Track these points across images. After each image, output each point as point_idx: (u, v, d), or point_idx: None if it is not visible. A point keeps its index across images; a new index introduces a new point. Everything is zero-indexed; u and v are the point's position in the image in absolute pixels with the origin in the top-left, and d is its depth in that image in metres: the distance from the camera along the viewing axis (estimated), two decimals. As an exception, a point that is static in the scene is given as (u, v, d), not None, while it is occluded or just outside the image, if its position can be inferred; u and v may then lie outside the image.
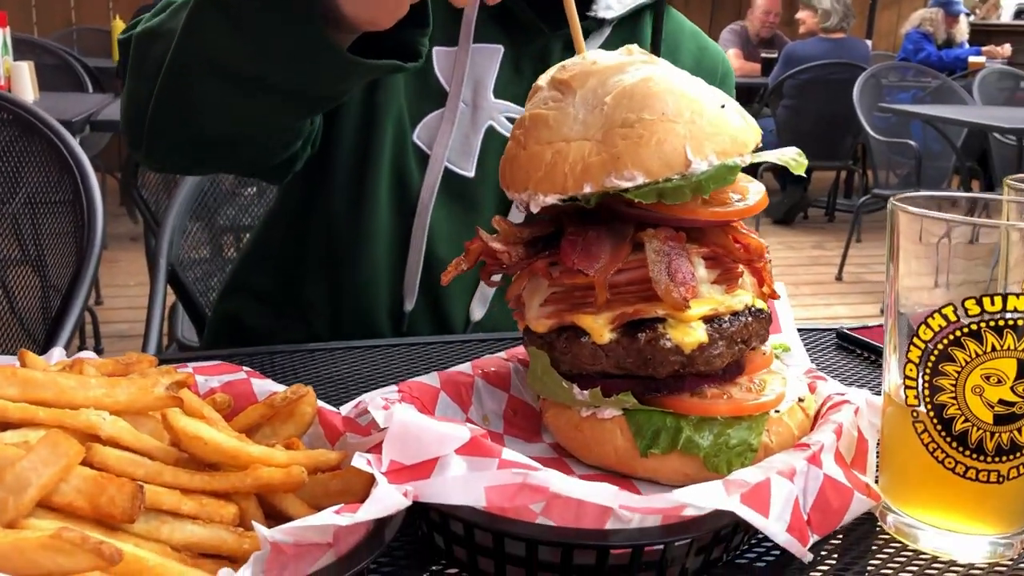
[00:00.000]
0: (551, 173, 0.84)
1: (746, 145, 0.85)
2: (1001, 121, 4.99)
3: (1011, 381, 0.74)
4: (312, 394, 0.81)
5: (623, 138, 0.82)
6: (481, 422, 0.93)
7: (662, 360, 0.83)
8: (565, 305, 0.88)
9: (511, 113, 1.46)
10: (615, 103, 0.84)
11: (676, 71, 0.88)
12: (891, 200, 0.80)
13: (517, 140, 0.89)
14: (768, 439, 0.86)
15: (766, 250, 0.89)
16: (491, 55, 1.44)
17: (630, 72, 0.86)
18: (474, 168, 1.44)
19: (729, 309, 0.86)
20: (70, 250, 2.26)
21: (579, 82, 0.87)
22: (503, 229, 0.90)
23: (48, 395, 0.71)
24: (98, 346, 4.51)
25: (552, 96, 0.89)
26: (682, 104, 0.83)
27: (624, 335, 0.84)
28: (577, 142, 0.84)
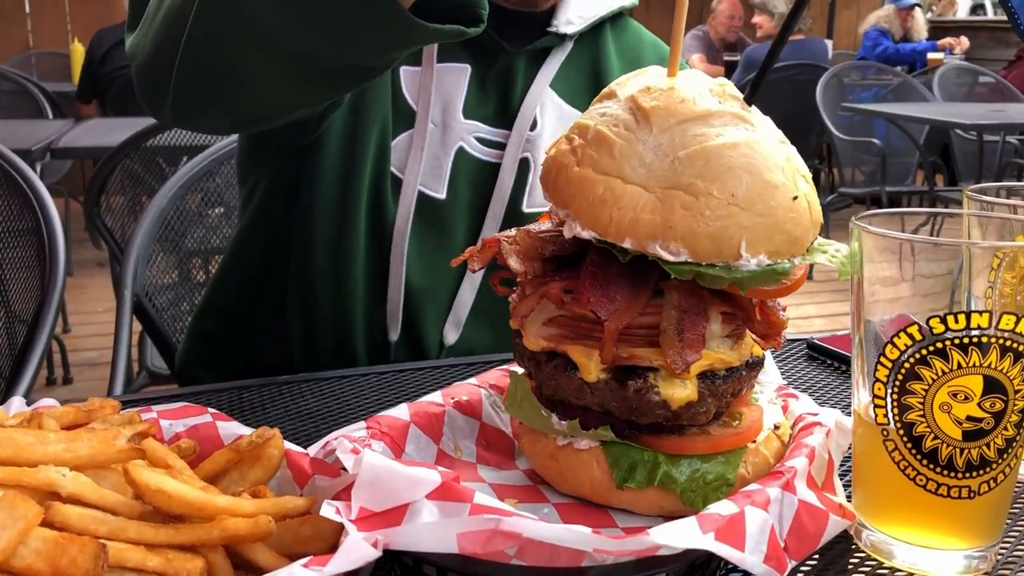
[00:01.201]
0: (597, 209, 0.78)
1: (803, 246, 0.81)
2: (961, 117, 5.06)
3: (978, 397, 0.74)
4: (279, 437, 0.80)
5: (683, 207, 0.76)
6: (453, 452, 0.92)
7: (647, 411, 0.81)
8: (568, 331, 0.85)
9: (481, 133, 1.45)
10: (688, 162, 0.77)
11: (765, 136, 0.80)
12: (852, 220, 0.80)
13: (573, 149, 0.82)
14: (745, 470, 0.86)
15: (786, 326, 0.86)
16: (459, 74, 1.43)
17: (715, 128, 0.79)
18: (445, 190, 1.43)
19: (726, 364, 0.84)
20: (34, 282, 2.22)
21: (659, 119, 0.79)
22: (524, 243, 0.85)
23: (6, 453, 0.69)
24: (67, 375, 4.45)
25: (625, 120, 0.80)
26: (755, 189, 0.77)
27: (614, 378, 0.82)
28: (634, 188, 0.78)
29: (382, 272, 1.42)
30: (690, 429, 0.85)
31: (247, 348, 1.51)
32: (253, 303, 1.50)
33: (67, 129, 4.17)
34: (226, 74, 1.05)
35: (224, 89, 1.08)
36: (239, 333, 1.52)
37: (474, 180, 1.45)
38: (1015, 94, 6.83)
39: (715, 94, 0.82)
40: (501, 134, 1.46)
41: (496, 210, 1.45)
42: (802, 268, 0.85)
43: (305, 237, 1.40)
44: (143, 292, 2.05)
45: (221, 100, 1.12)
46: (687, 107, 0.80)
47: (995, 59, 9.37)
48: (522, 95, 1.47)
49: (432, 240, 1.43)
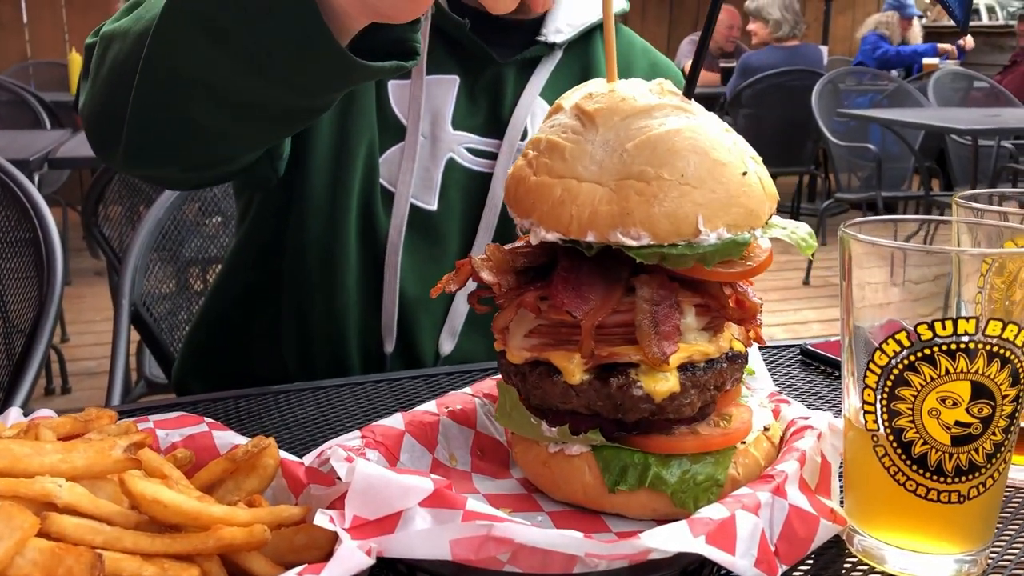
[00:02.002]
0: (557, 211, 0.81)
1: (760, 218, 0.83)
2: (956, 123, 5.08)
3: (966, 403, 0.75)
4: (274, 446, 0.80)
5: (637, 193, 0.79)
6: (448, 461, 0.93)
7: (632, 407, 0.82)
8: (550, 340, 0.87)
9: (471, 144, 1.45)
10: (636, 152, 0.80)
11: (706, 123, 0.83)
12: (841, 228, 0.81)
13: (529, 162, 0.86)
14: (735, 471, 0.87)
15: (760, 309, 0.87)
16: (447, 86, 1.44)
17: (658, 119, 0.82)
18: (436, 201, 1.44)
19: (705, 356, 0.85)
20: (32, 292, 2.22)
21: (603, 119, 0.83)
22: (496, 257, 0.87)
23: (2, 464, 0.69)
24: (65, 385, 4.45)
25: (572, 126, 0.84)
26: (704, 167, 0.80)
27: (596, 378, 0.83)
28: (589, 184, 0.81)
29: (375, 284, 1.42)
30: (678, 428, 0.86)
31: (243, 360, 1.51)
32: (249, 315, 1.50)
33: (65, 139, 4.18)
34: (177, 124, 1.07)
35: (176, 138, 1.10)
36: (235, 345, 1.53)
37: (466, 190, 1.46)
38: (1010, 99, 6.86)
39: (654, 92, 0.86)
40: (492, 144, 1.46)
41: (488, 220, 1.46)
42: (767, 251, 0.88)
43: (298, 251, 1.41)
44: (141, 301, 2.06)
45: (173, 150, 1.14)
46: (628, 104, 0.83)
47: (990, 64, 9.41)
48: (512, 105, 1.47)
49: (425, 251, 1.44)
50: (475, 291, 0.88)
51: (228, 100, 1.01)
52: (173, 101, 1.04)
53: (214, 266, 2.58)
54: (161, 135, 1.10)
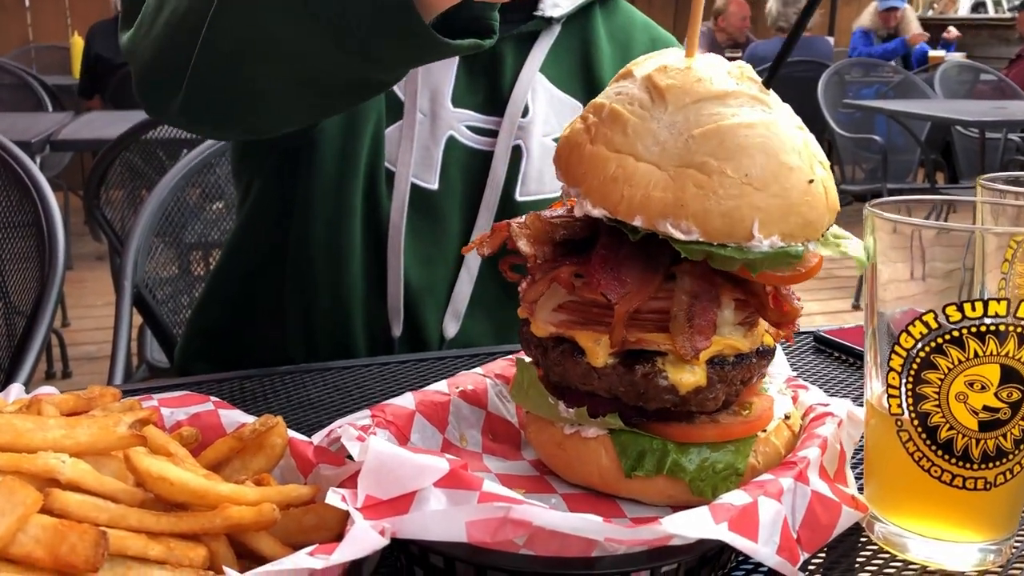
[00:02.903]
0: (608, 187, 0.77)
1: (817, 231, 0.79)
2: (963, 114, 5.05)
3: (995, 387, 0.73)
4: (282, 425, 0.78)
5: (696, 185, 0.75)
6: (459, 442, 0.91)
7: (655, 396, 0.80)
8: (578, 317, 0.84)
9: (471, 122, 1.43)
10: (702, 140, 0.76)
11: (781, 119, 0.79)
12: (867, 206, 0.79)
13: (587, 128, 0.81)
14: (755, 460, 0.84)
15: (799, 314, 0.84)
16: (446, 63, 1.41)
17: (731, 107, 0.77)
18: (437, 180, 1.41)
19: (736, 350, 0.82)
20: (34, 274, 2.21)
21: (674, 97, 0.78)
22: (535, 227, 0.83)
23: (4, 439, 0.68)
24: (66, 369, 4.44)
25: (640, 99, 0.79)
26: (769, 170, 0.76)
27: (621, 363, 0.81)
28: (647, 165, 0.76)
29: (379, 267, 1.40)
30: (699, 416, 0.84)
31: (246, 344, 1.49)
32: (251, 299, 1.48)
33: (67, 122, 4.15)
34: (242, 90, 1.05)
35: (239, 104, 1.08)
36: (238, 329, 1.51)
37: (466, 169, 1.43)
38: (1016, 92, 6.82)
39: (733, 76, 0.80)
40: (492, 121, 1.43)
41: (489, 199, 1.43)
42: (816, 256, 0.83)
43: (302, 233, 1.39)
44: (143, 284, 2.03)
45: (234, 113, 1.11)
46: (703, 87, 0.78)
47: (996, 57, 9.37)
48: (512, 81, 1.44)
49: (427, 232, 1.42)
50: (507, 258, 0.85)
51: (300, 70, 0.98)
52: (241, 67, 1.01)
53: (216, 251, 2.56)
54: (223, 99, 1.07)
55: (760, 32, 9.01)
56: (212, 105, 1.10)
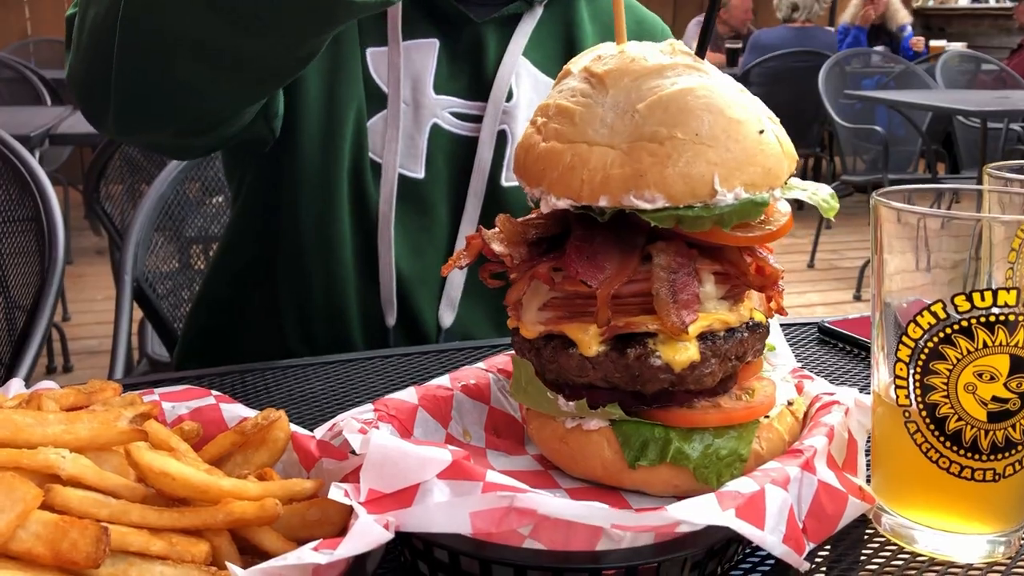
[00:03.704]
0: (567, 177, 0.79)
1: (779, 177, 0.80)
2: (964, 104, 5.03)
3: (1004, 377, 0.72)
4: (284, 419, 0.78)
5: (650, 155, 0.76)
6: (461, 436, 0.90)
7: (651, 377, 0.80)
8: (565, 312, 0.84)
9: (455, 108, 1.41)
10: (648, 112, 0.77)
11: (720, 82, 0.80)
12: (873, 195, 0.78)
13: (537, 128, 0.83)
14: (758, 446, 0.84)
15: (781, 276, 0.84)
16: (427, 50, 1.40)
17: (670, 78, 0.79)
18: (423, 169, 1.40)
19: (725, 324, 0.82)
20: (34, 268, 2.20)
21: (613, 80, 0.80)
22: (507, 229, 0.85)
23: (4, 434, 0.67)
24: (67, 363, 4.44)
25: (582, 89, 0.82)
26: (718, 126, 0.77)
27: (613, 349, 0.81)
28: (600, 148, 0.78)
29: (370, 258, 1.39)
30: (700, 402, 0.84)
31: (244, 341, 1.49)
32: (247, 295, 1.48)
33: (66, 115, 4.14)
34: (163, 86, 1.05)
35: (162, 100, 1.08)
36: (235, 326, 1.50)
37: (452, 156, 1.42)
38: (1018, 81, 6.79)
39: (665, 52, 0.83)
40: (476, 107, 1.42)
41: (476, 185, 1.42)
42: (786, 215, 0.85)
43: (292, 228, 1.38)
44: (143, 278, 2.03)
45: (162, 112, 1.11)
46: (639, 64, 0.81)
47: (997, 47, 9.33)
48: (495, 66, 1.42)
49: (416, 221, 1.41)
50: (486, 265, 0.85)
51: (212, 55, 0.98)
52: (156, 61, 1.01)
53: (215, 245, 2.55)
54: (147, 98, 1.07)
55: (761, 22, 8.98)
56: (139, 107, 1.10)
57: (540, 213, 0.85)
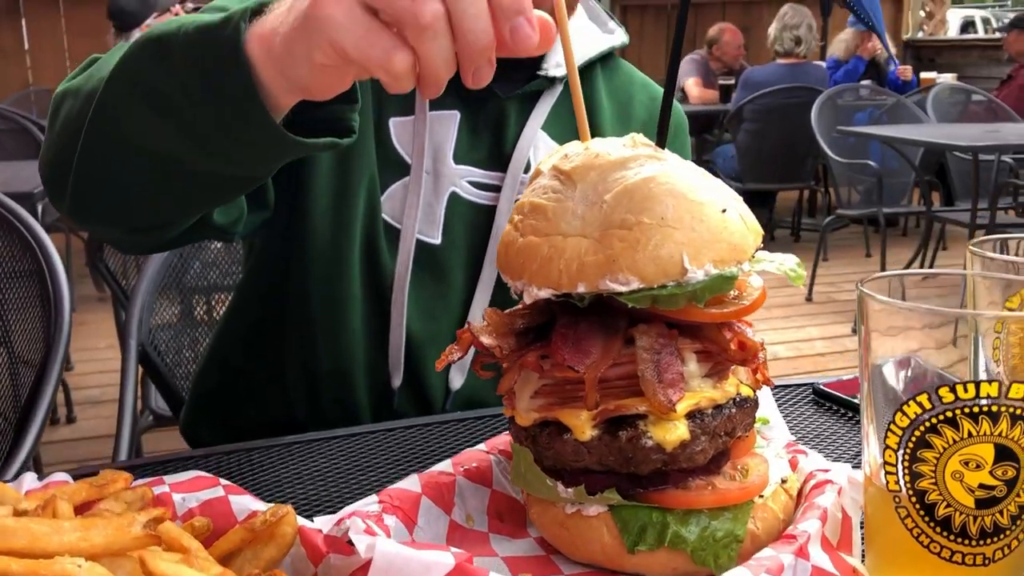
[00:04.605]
0: (546, 267, 0.83)
1: (745, 252, 0.84)
2: (956, 139, 5.10)
3: (989, 465, 0.74)
4: (292, 514, 0.80)
5: (620, 240, 0.80)
6: (465, 522, 0.92)
7: (644, 459, 0.82)
8: (556, 398, 0.87)
9: (473, 177, 1.46)
10: (615, 202, 0.82)
11: (682, 168, 0.85)
12: (859, 286, 0.80)
13: (515, 226, 0.88)
14: (754, 526, 0.86)
15: (761, 348, 0.88)
16: (448, 121, 1.45)
17: (633, 169, 0.84)
18: (440, 235, 1.44)
19: (712, 402, 0.85)
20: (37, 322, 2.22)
21: (580, 175, 0.85)
22: (494, 320, 0.89)
23: (21, 543, 0.69)
24: (70, 414, 4.44)
25: (552, 186, 0.87)
26: (682, 209, 0.81)
27: (606, 432, 0.84)
28: (574, 238, 0.83)
29: (381, 320, 1.42)
30: (694, 482, 0.86)
31: (250, 403, 1.51)
32: (255, 359, 1.50)
33: (67, 169, 4.18)
34: (112, 184, 1.09)
35: (111, 198, 1.12)
36: (241, 388, 1.52)
37: (470, 223, 1.46)
38: (1008, 113, 6.87)
39: (627, 145, 0.88)
40: (495, 176, 1.47)
41: (493, 254, 1.46)
42: (759, 289, 0.89)
43: (301, 294, 1.41)
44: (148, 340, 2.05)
45: (109, 209, 1.15)
46: (603, 159, 0.86)
47: (987, 77, 9.44)
48: (515, 138, 1.48)
49: (431, 286, 1.44)
50: (477, 357, 0.89)
51: (166, 167, 1.02)
52: (113, 163, 1.06)
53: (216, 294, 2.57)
54: (101, 194, 1.11)
55: (752, 58, 9.09)
56: (92, 201, 1.14)
57: (525, 304, 0.88)
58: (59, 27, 8.74)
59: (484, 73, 0.77)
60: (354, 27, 0.74)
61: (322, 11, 0.75)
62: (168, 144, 0.99)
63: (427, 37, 0.73)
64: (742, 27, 9.07)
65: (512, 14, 0.73)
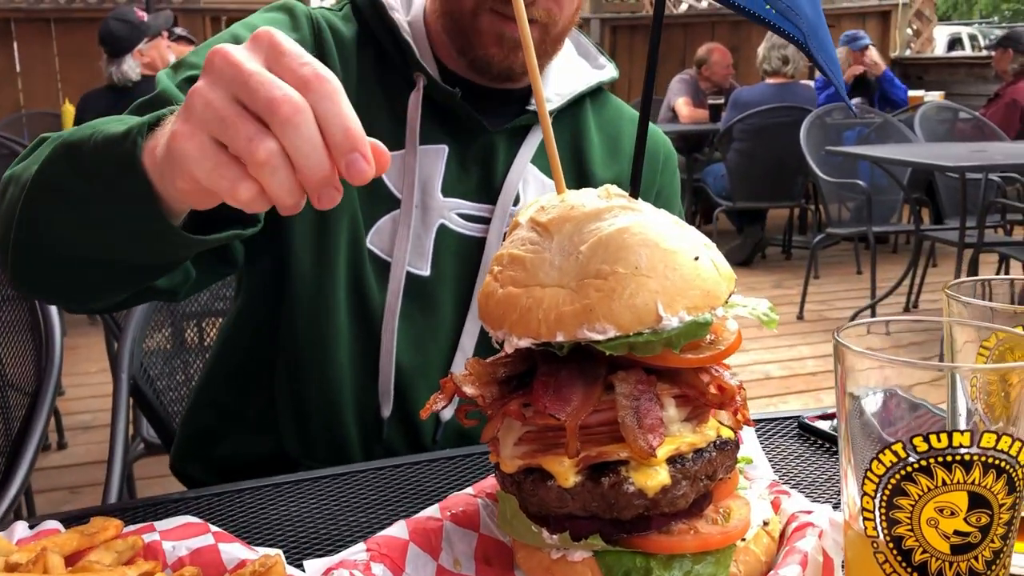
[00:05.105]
0: (525, 317, 0.86)
1: (718, 298, 0.87)
2: (943, 159, 5.14)
3: (964, 513, 0.76)
4: (281, 564, 0.81)
5: (596, 290, 0.83)
6: (452, 567, 0.93)
7: (626, 504, 0.84)
8: (539, 445, 0.89)
9: (461, 210, 1.48)
10: (590, 253, 0.85)
11: (655, 218, 0.88)
12: (835, 335, 0.82)
13: (495, 277, 0.91)
14: (736, 569, 0.88)
15: (739, 390, 0.90)
16: (436, 155, 1.47)
17: (607, 220, 0.87)
18: (429, 267, 1.46)
19: (693, 446, 0.87)
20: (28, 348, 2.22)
21: (556, 227, 0.88)
22: (476, 370, 0.91)
23: (13, 600, 0.70)
24: (61, 440, 4.43)
25: (530, 237, 0.90)
26: (656, 258, 0.84)
27: (588, 478, 0.85)
28: (552, 289, 0.85)
29: (369, 352, 1.44)
30: (677, 526, 0.87)
31: (240, 440, 1.52)
32: (244, 395, 1.51)
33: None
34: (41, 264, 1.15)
35: (42, 275, 1.18)
36: (231, 426, 1.53)
37: (459, 256, 1.48)
38: (995, 131, 6.94)
39: (602, 196, 0.90)
40: (484, 209, 1.49)
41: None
42: (734, 333, 0.91)
43: (289, 326, 1.43)
44: (140, 370, 2.06)
45: (42, 284, 1.22)
46: (578, 211, 0.89)
47: (975, 94, 9.53)
48: (504, 171, 1.50)
49: (420, 318, 1.46)
50: (461, 406, 0.91)
51: (88, 254, 1.09)
52: (44, 249, 1.12)
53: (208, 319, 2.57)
54: (38, 272, 1.17)
55: (741, 78, 9.16)
56: (28, 277, 1.20)
57: (507, 353, 0.90)
58: (51, 50, 8.77)
59: (329, 198, 0.80)
60: (204, 160, 0.79)
61: (178, 145, 0.81)
62: (85, 239, 1.06)
63: (265, 172, 0.77)
64: (731, 47, 9.14)
65: (346, 151, 0.77)
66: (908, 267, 6.30)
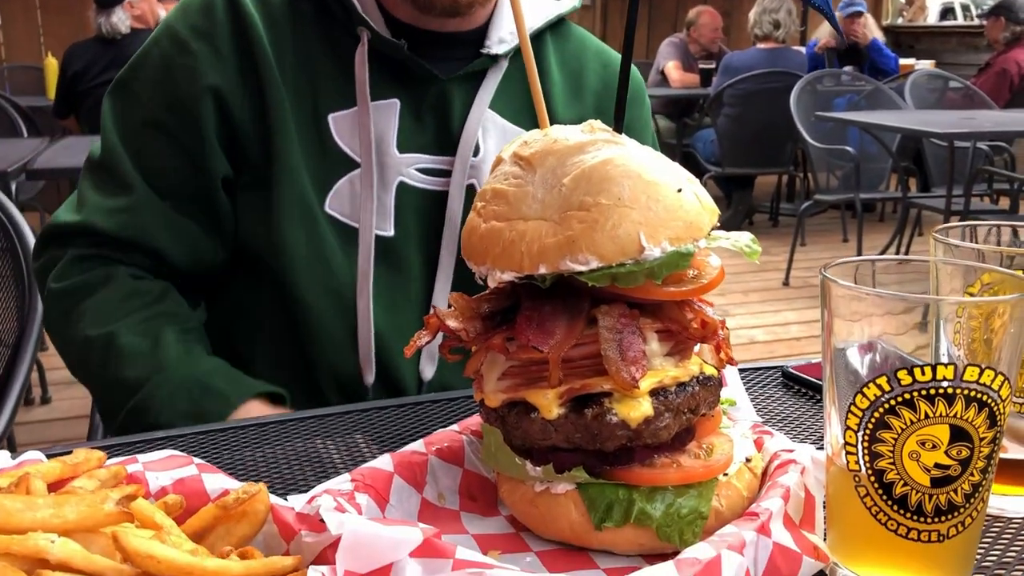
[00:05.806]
0: (508, 251, 0.86)
1: (701, 230, 0.87)
2: (932, 126, 5.14)
3: (945, 446, 0.77)
4: (264, 492, 0.81)
5: (579, 221, 0.83)
6: (436, 500, 0.94)
7: (609, 435, 0.84)
8: (522, 379, 0.89)
9: (420, 164, 1.44)
10: (573, 185, 0.85)
11: (638, 151, 0.88)
12: (822, 271, 0.82)
13: (478, 212, 0.90)
14: (718, 503, 0.88)
15: (721, 326, 0.90)
16: (388, 110, 1.42)
17: (590, 153, 0.87)
18: (393, 227, 1.43)
19: (676, 380, 0.87)
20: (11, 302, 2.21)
21: (539, 160, 0.88)
22: (460, 305, 0.91)
23: (-6, 520, 0.70)
24: (45, 395, 4.42)
25: (513, 172, 0.90)
26: (638, 189, 0.84)
27: (572, 410, 0.86)
28: (534, 222, 0.85)
29: (345, 321, 1.42)
30: (660, 459, 0.88)
31: None
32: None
33: (42, 148, 4.14)
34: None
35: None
36: None
37: (422, 212, 1.45)
38: (984, 100, 6.94)
39: (585, 130, 0.90)
40: (444, 161, 1.45)
41: (448, 239, 1.45)
42: (717, 268, 0.91)
43: (263, 310, 1.44)
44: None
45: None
46: (561, 144, 0.88)
47: (965, 64, 9.51)
48: (461, 120, 1.45)
49: (390, 279, 1.43)
50: (444, 341, 0.90)
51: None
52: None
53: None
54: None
55: (733, 43, 9.10)
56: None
57: (491, 289, 0.90)
58: (32, 3, 8.61)
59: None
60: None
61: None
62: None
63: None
64: (723, 11, 9.08)
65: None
66: (893, 235, 6.33)
